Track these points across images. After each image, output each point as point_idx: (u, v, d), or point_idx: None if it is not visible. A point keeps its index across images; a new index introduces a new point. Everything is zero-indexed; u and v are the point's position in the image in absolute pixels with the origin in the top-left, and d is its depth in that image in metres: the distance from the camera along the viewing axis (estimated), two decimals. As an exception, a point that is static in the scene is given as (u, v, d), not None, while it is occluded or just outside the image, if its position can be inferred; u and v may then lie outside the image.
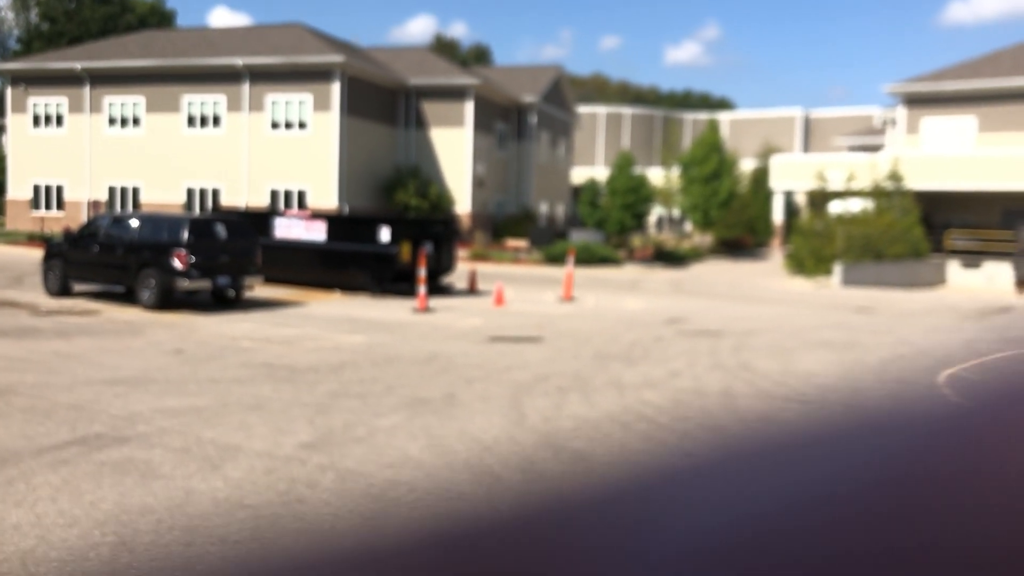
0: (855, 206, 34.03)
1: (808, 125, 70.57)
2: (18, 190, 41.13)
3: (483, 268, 30.76)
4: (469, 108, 41.48)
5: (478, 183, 42.49)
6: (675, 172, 43.60)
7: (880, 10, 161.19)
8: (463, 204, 41.61)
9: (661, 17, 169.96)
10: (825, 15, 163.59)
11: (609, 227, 39.12)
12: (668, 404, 9.37)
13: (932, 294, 28.67)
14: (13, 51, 65.33)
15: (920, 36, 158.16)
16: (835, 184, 34.89)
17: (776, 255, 41.99)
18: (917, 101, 40.87)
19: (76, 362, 11.11)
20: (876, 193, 33.96)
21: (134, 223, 17.81)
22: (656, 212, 56.39)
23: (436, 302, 19.45)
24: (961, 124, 40.01)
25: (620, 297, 23.08)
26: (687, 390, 10.19)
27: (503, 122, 46.13)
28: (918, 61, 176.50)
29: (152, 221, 17.71)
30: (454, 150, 41.75)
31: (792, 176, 40.57)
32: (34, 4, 66.26)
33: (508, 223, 43.85)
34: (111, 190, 39.62)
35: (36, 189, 40.55)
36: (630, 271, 33.97)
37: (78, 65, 39.52)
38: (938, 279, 34.06)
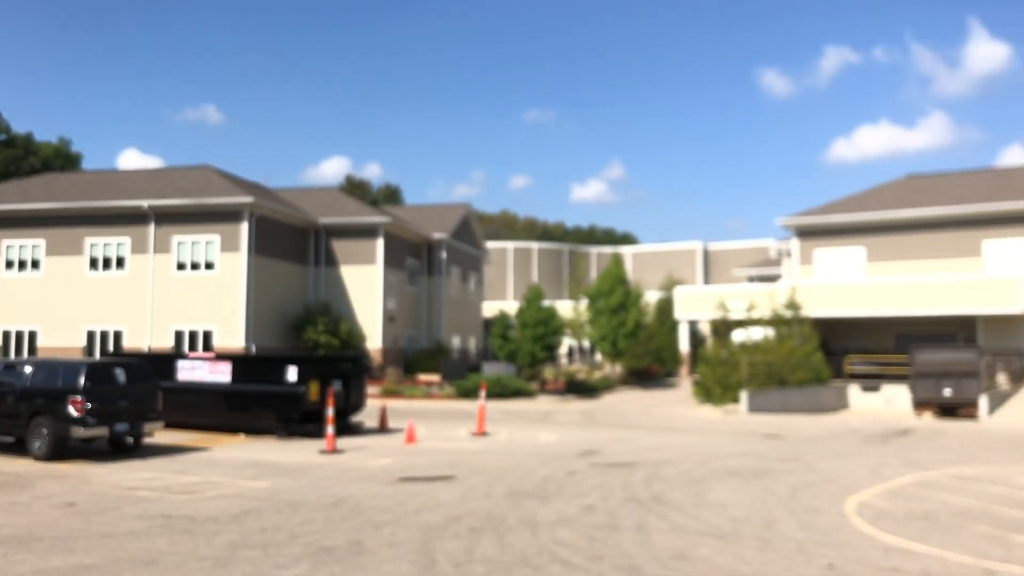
0: (757, 334, 35.02)
1: (708, 257, 73.14)
2: (-97, 336, 39.24)
3: (395, 404, 30.31)
4: (379, 245, 41.80)
5: (389, 318, 42.38)
6: (583, 304, 44.39)
7: (773, 147, 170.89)
8: (374, 340, 41.33)
9: (567, 158, 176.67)
10: (722, 154, 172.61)
11: (520, 359, 39.27)
12: (583, 542, 9.21)
13: (835, 418, 29.36)
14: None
15: (809, 172, 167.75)
16: (736, 313, 35.95)
17: (684, 383, 42.64)
18: (809, 233, 42.92)
19: (-46, 521, 10.37)
20: (776, 321, 35.07)
21: (27, 369, 17.09)
22: (567, 343, 57.02)
23: (345, 442, 19.00)
24: (851, 254, 42.05)
25: (533, 430, 22.95)
26: (602, 526, 10.05)
27: (414, 258, 46.54)
28: (808, 195, 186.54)
29: (47, 367, 17.02)
30: (365, 287, 41.77)
31: (695, 306, 41.69)
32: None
33: (420, 357, 43.62)
34: (5, 335, 38.14)
35: (-77, 335, 38.76)
36: (543, 403, 33.94)
37: (-26, 208, 38.60)
38: (840, 403, 34.97)
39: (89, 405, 15.94)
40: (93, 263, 37.77)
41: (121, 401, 16.69)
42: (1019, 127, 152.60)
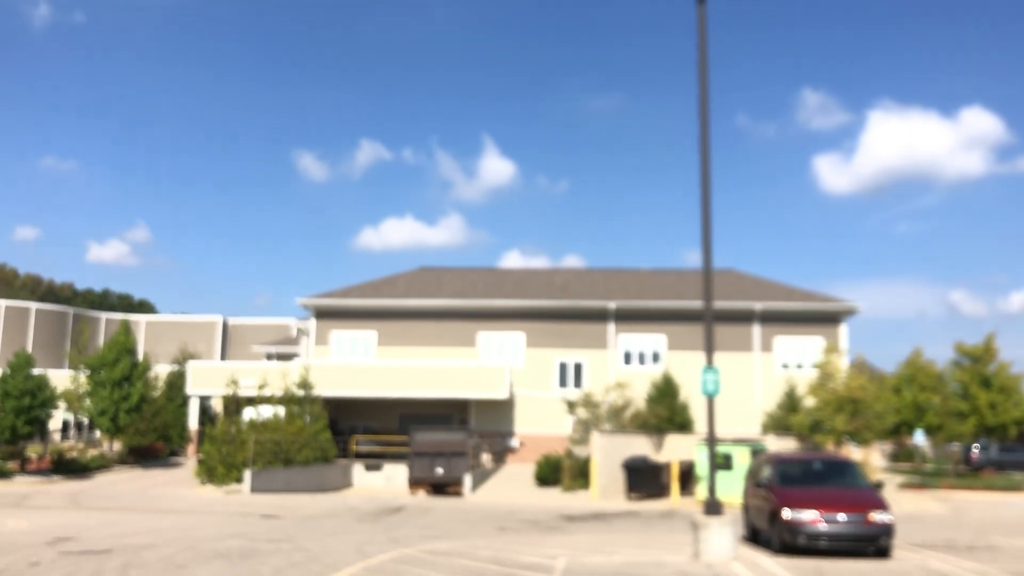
0: (268, 412, 34.82)
1: (228, 332, 71.61)
2: None
3: None
4: None
5: None
6: (84, 374, 40.64)
7: (306, 229, 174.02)
8: None
9: (87, 213, 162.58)
10: (254, 230, 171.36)
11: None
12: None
13: (337, 497, 30.01)
14: None
15: (338, 257, 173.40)
16: (249, 390, 35.48)
17: (191, 463, 40.74)
18: (326, 314, 44.14)
19: None
20: (287, 400, 35.22)
21: None
22: (62, 418, 51.57)
23: None
24: (364, 337, 44.01)
25: (1, 517, 20.16)
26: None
27: None
28: (336, 278, 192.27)
29: None
30: None
31: (209, 382, 40.40)
32: None
33: None
34: None
35: None
36: (21, 485, 30.13)
37: None
38: (345, 482, 35.89)
39: None
40: None
41: None
42: (519, 234, 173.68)
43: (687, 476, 30.00)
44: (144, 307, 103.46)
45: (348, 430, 41.93)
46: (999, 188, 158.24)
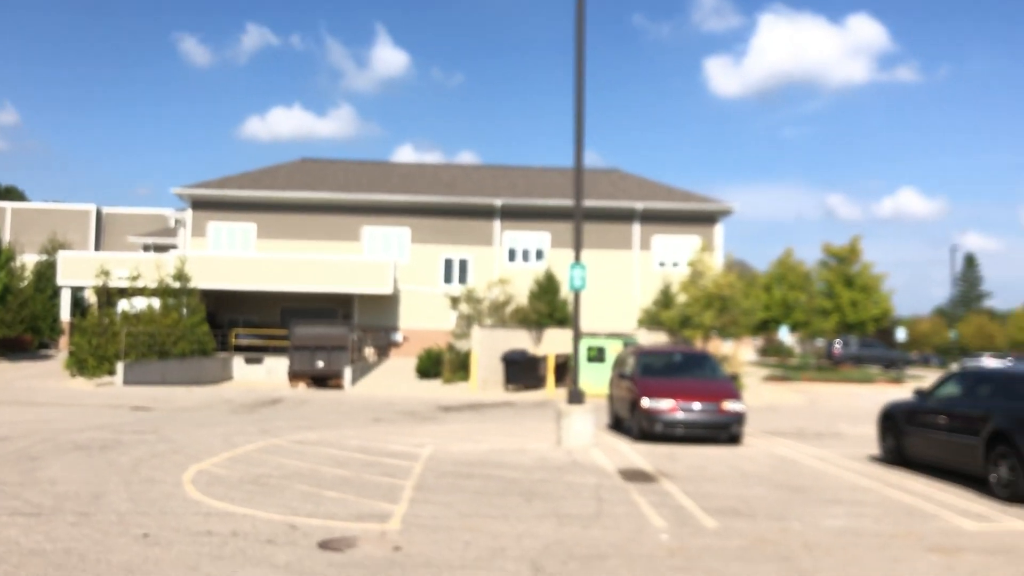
0: (143, 304, 33.93)
1: (103, 221, 68.76)
2: None
3: None
4: None
5: None
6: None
7: (188, 116, 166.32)
8: None
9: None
10: (134, 116, 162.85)
11: None
12: None
13: (214, 389, 29.73)
14: None
15: (222, 146, 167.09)
16: (123, 282, 34.41)
17: (62, 355, 39.56)
18: (203, 205, 42.80)
19: None
20: (162, 291, 34.35)
21: None
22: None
23: None
24: (243, 229, 42.97)
25: None
26: None
27: None
28: (219, 168, 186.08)
29: None
30: None
31: (81, 273, 38.95)
32: None
33: None
34: None
35: None
36: None
37: None
38: (224, 375, 35.58)
39: None
40: None
41: None
42: (412, 129, 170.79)
43: (563, 368, 30.88)
44: (12, 194, 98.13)
45: (228, 324, 41.33)
46: (880, 96, 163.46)
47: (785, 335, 43.13)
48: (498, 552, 7.76)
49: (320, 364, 32.46)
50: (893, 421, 13.63)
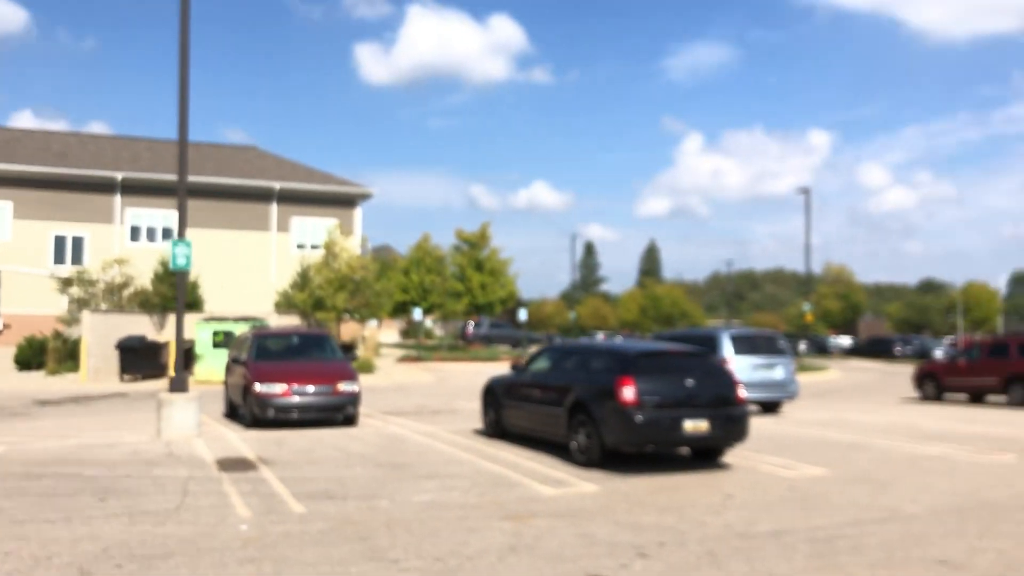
0: None
1: None
2: None
3: None
4: None
5: None
6: None
7: None
8: None
9: None
10: None
11: None
12: None
13: None
14: None
15: None
16: None
17: None
18: None
19: None
20: None
21: None
22: None
23: None
24: None
25: None
26: None
27: None
28: None
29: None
30: None
31: None
32: None
33: None
34: None
35: None
36: None
37: None
38: None
39: None
40: None
41: None
42: (34, 94, 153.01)
43: (188, 355, 29.13)
44: None
45: None
46: (517, 94, 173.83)
47: (419, 317, 44.31)
48: (42, 561, 6.85)
49: None
50: (494, 395, 14.24)
